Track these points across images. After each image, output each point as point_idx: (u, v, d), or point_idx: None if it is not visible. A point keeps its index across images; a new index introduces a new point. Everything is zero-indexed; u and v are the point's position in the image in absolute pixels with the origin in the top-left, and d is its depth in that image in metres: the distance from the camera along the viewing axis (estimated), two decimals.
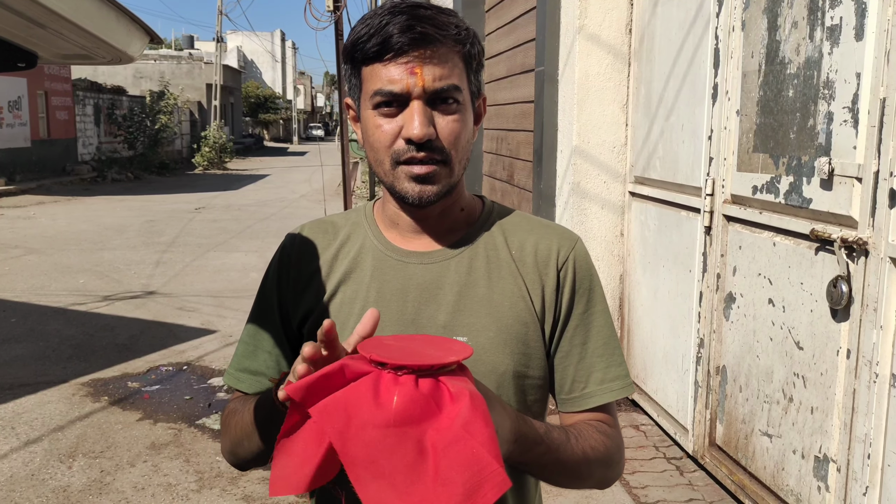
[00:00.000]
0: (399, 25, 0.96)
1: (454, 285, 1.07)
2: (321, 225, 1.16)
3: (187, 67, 35.69)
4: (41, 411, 4.49)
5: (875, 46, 2.31)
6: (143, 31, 1.91)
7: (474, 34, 1.04)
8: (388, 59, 0.97)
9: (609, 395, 1.09)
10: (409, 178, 1.00)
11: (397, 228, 1.10)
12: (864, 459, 2.37)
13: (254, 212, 14.89)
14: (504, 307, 1.06)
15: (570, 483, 1.06)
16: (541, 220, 1.16)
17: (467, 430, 0.76)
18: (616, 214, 4.32)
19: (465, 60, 1.03)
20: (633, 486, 3.39)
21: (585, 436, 1.04)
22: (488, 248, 1.10)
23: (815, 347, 2.63)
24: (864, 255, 2.36)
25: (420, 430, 0.77)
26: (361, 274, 1.09)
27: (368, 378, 0.79)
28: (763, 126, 2.93)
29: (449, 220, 1.10)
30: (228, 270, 8.88)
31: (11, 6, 1.43)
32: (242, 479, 3.64)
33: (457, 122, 1.01)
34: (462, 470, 0.75)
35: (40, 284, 7.97)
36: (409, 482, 0.75)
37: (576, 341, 1.09)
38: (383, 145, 1.00)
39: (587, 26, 4.16)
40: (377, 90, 0.99)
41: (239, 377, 1.13)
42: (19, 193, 17.77)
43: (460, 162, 1.04)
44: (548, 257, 1.09)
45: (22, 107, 21.12)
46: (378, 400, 0.77)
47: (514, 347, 1.05)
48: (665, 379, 3.87)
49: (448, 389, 0.79)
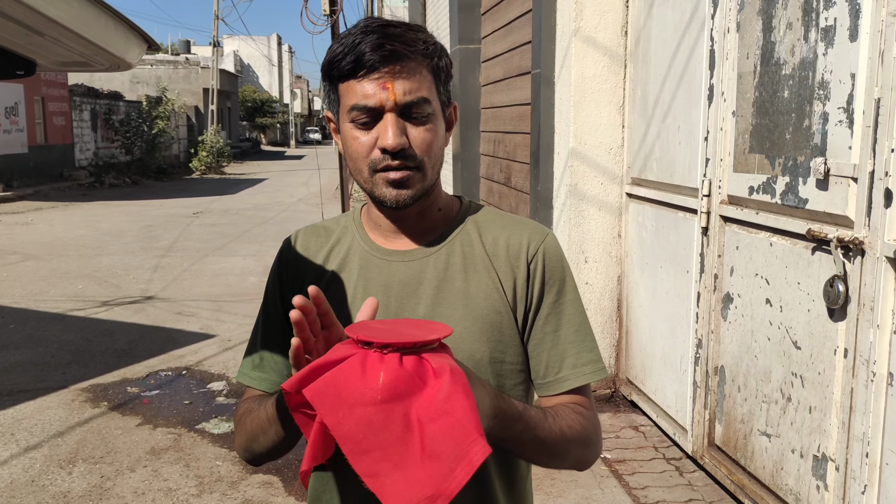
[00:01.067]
0: (370, 44, 1.05)
1: (433, 280, 1.16)
2: (315, 229, 1.27)
3: (184, 72, 35.69)
4: (41, 417, 4.49)
5: (869, 47, 2.32)
6: (141, 39, 1.92)
7: (441, 48, 1.13)
8: (362, 75, 1.06)
9: (582, 378, 1.16)
10: (386, 183, 1.09)
11: (380, 230, 1.20)
12: (863, 458, 2.37)
13: (251, 216, 14.89)
14: (479, 299, 1.15)
15: (549, 461, 1.12)
16: (513, 217, 1.25)
17: (449, 402, 0.82)
18: (613, 216, 4.33)
19: (434, 73, 1.11)
20: (633, 486, 3.40)
21: (562, 415, 1.11)
22: (464, 245, 1.19)
23: (813, 347, 2.64)
24: (860, 255, 2.37)
25: (406, 404, 0.82)
26: (349, 273, 1.19)
27: (355, 357, 0.84)
28: (759, 127, 2.94)
29: (427, 221, 1.19)
30: (227, 275, 8.88)
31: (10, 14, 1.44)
32: (242, 484, 3.64)
33: (428, 132, 1.09)
34: (446, 442, 0.81)
35: (39, 290, 7.97)
36: (399, 454, 0.81)
37: (548, 329, 1.17)
38: (361, 155, 1.10)
39: (583, 28, 4.17)
40: (353, 105, 1.07)
41: (251, 375, 1.22)
42: (17, 199, 17.76)
43: (433, 167, 1.12)
44: (518, 251, 1.17)
45: (19, 112, 21.11)
46: (365, 377, 0.82)
47: (489, 335, 1.14)
48: (664, 380, 3.88)
49: (431, 365, 0.85)
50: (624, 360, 4.39)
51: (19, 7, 1.38)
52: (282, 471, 3.78)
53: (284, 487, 3.62)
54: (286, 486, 3.63)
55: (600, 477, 3.49)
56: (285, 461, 3.90)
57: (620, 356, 4.43)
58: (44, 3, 1.43)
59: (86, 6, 1.58)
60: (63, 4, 1.50)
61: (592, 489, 3.39)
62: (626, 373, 4.36)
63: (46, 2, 1.44)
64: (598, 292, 4.37)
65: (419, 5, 10.99)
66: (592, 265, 4.31)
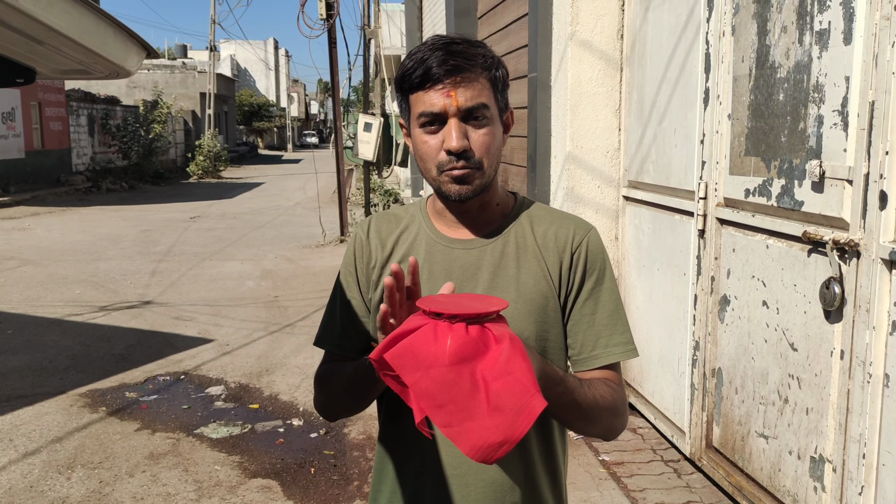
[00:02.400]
0: (436, 59, 1.21)
1: (489, 267, 1.31)
2: (386, 216, 1.42)
3: (181, 77, 35.68)
4: (39, 423, 4.48)
5: (863, 50, 2.34)
6: (140, 46, 1.93)
7: (499, 60, 1.28)
8: (429, 87, 1.22)
9: (613, 356, 1.32)
10: (451, 180, 1.24)
11: (444, 220, 1.35)
12: (860, 459, 2.38)
13: (249, 220, 14.89)
14: (529, 284, 1.30)
15: (582, 426, 1.27)
16: (562, 212, 1.40)
17: (510, 364, 0.95)
18: (610, 219, 4.34)
19: (492, 82, 1.25)
20: (631, 488, 3.41)
21: (596, 386, 1.25)
22: (518, 237, 1.34)
23: (809, 349, 2.65)
24: (855, 257, 2.38)
25: (472, 366, 0.96)
26: (416, 256, 1.32)
27: (428, 326, 0.98)
28: (754, 129, 2.96)
29: (486, 214, 1.34)
30: (224, 279, 8.88)
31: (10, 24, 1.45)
32: (241, 488, 3.64)
33: (487, 135, 1.24)
34: (508, 397, 0.94)
35: (36, 296, 7.96)
36: (469, 408, 0.95)
37: (585, 311, 1.32)
38: (430, 157, 1.25)
39: (579, 32, 4.18)
40: (422, 112, 1.23)
41: (331, 342, 1.39)
42: (14, 205, 17.74)
43: (491, 165, 1.27)
44: (565, 242, 1.33)
45: (16, 118, 21.09)
46: (437, 342, 0.96)
47: (536, 316, 1.29)
48: (661, 382, 3.89)
49: (492, 333, 0.98)
50: (621, 361, 4.39)
51: (19, 16, 1.39)
52: (280, 475, 3.79)
53: (283, 491, 3.62)
54: (285, 490, 3.63)
55: (598, 479, 3.49)
56: (283, 465, 3.90)
57: None
58: (44, 13, 1.44)
59: (85, 15, 1.58)
60: (63, 13, 1.50)
61: (591, 491, 3.39)
62: (623, 375, 4.37)
63: (46, 11, 1.45)
64: None
65: (416, 9, 11.01)
66: None
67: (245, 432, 4.36)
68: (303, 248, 11.25)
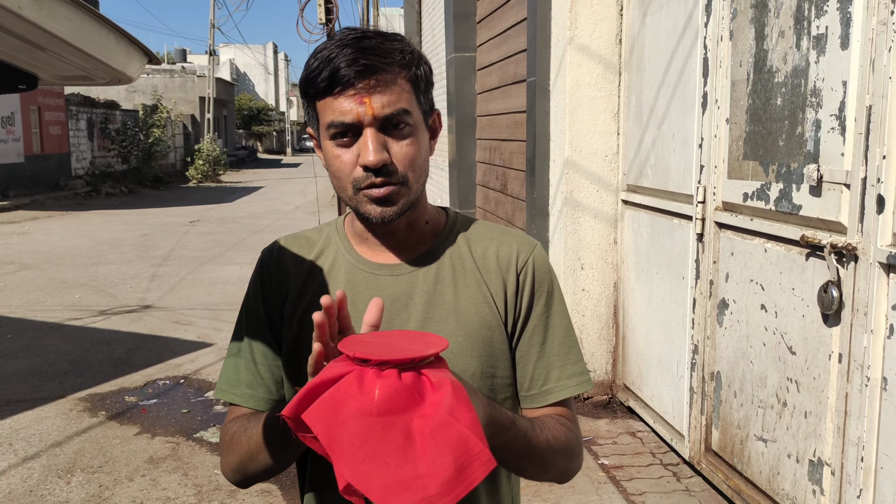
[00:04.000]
0: (345, 59, 1.02)
1: (423, 295, 1.13)
2: (296, 239, 1.23)
3: (180, 81, 35.71)
4: (38, 427, 4.48)
5: (860, 55, 2.35)
6: (142, 53, 1.94)
7: (420, 55, 1.10)
8: (338, 92, 1.03)
9: (566, 391, 1.16)
10: (370, 200, 1.07)
11: (367, 243, 1.17)
12: (858, 462, 2.39)
13: (248, 224, 14.90)
14: (470, 313, 1.13)
15: (535, 472, 1.11)
16: (502, 228, 1.23)
17: (452, 414, 0.80)
18: (609, 223, 4.35)
19: (413, 83, 1.07)
20: (631, 492, 3.41)
21: (548, 426, 1.10)
22: (454, 258, 1.16)
23: (808, 352, 2.66)
24: (853, 261, 2.39)
25: (405, 418, 0.80)
26: (335, 285, 1.15)
27: (352, 375, 0.82)
28: (752, 134, 2.97)
29: (415, 234, 1.16)
30: (224, 283, 8.88)
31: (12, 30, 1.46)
32: (241, 493, 3.64)
33: (410, 146, 1.06)
34: (450, 451, 0.78)
35: (36, 300, 7.96)
36: (399, 464, 0.78)
37: (534, 341, 1.16)
38: (344, 174, 1.07)
39: (577, 37, 4.20)
40: (331, 122, 1.05)
41: (235, 392, 1.18)
42: (13, 209, 17.74)
43: (418, 180, 1.09)
44: (508, 262, 1.16)
45: (15, 122, 21.11)
46: (363, 394, 0.80)
47: (480, 350, 1.12)
48: (660, 385, 3.90)
49: (429, 379, 0.83)
50: (620, 365, 4.40)
51: (22, 23, 1.40)
52: (280, 479, 3.79)
53: (283, 496, 3.62)
54: (284, 494, 3.64)
55: (598, 483, 3.50)
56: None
57: (617, 362, 4.44)
58: (46, 20, 1.45)
59: (87, 21, 1.59)
60: (65, 20, 1.51)
61: (590, 495, 3.40)
62: (622, 379, 4.38)
63: (49, 18, 1.46)
64: (595, 299, 4.38)
65: (415, 14, 11.03)
66: (588, 272, 4.33)
67: None
68: None
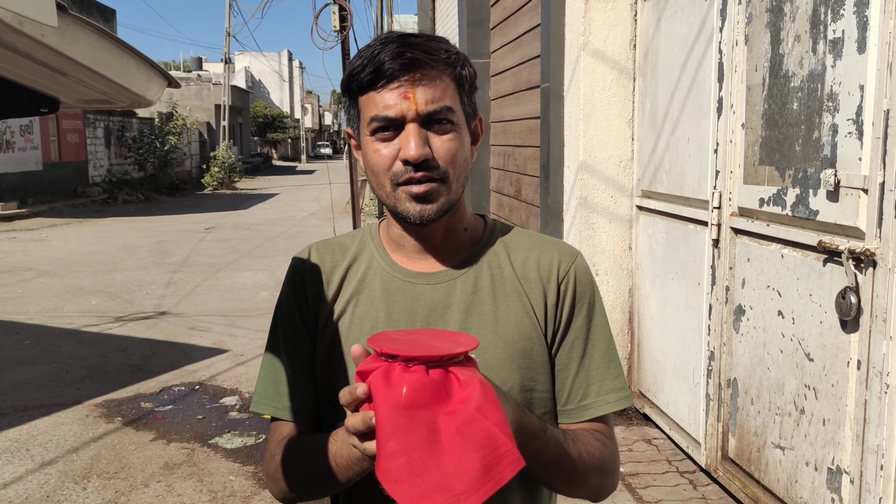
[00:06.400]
0: (390, 53, 1.00)
1: (461, 304, 1.10)
2: (328, 245, 1.19)
3: (196, 89, 35.98)
4: (55, 433, 4.51)
5: (877, 59, 2.33)
6: (162, 77, 1.97)
7: (465, 58, 1.08)
8: (382, 85, 1.01)
9: (605, 406, 1.12)
10: (409, 197, 1.03)
11: (403, 250, 1.13)
12: (877, 471, 2.36)
13: (263, 231, 14.96)
14: (509, 324, 1.09)
15: (565, 486, 1.08)
16: (542, 236, 1.19)
17: (480, 412, 0.78)
18: (624, 228, 4.33)
19: (457, 82, 1.06)
20: (647, 500, 3.38)
21: (582, 440, 1.07)
22: (492, 267, 1.13)
23: (826, 359, 2.63)
24: (871, 266, 2.37)
25: (432, 413, 0.79)
26: (370, 294, 1.12)
27: (379, 371, 0.81)
28: (768, 139, 2.95)
29: (453, 241, 1.13)
30: (239, 290, 8.92)
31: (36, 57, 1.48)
32: (255, 499, 3.65)
33: (452, 141, 1.04)
34: (477, 448, 0.77)
35: (53, 306, 8.03)
36: (425, 459, 0.77)
37: (574, 354, 1.12)
38: (382, 168, 1.04)
39: (591, 42, 4.19)
40: (373, 116, 1.02)
41: (276, 406, 1.14)
42: (31, 216, 17.92)
43: (458, 179, 1.06)
44: (549, 271, 1.12)
45: (33, 130, 21.33)
46: (390, 390, 0.79)
47: (520, 362, 1.08)
48: (676, 392, 3.87)
49: (457, 377, 0.81)
50: (636, 372, 4.38)
51: (44, 50, 1.41)
52: None
53: None
54: None
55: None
56: None
57: (632, 369, 4.42)
58: (68, 47, 1.47)
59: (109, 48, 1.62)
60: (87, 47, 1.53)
61: (605, 503, 3.37)
62: (638, 385, 4.35)
63: (71, 45, 1.47)
64: (610, 305, 4.36)
65: (429, 21, 11.07)
66: (603, 277, 4.31)
67: (259, 442, 4.37)
68: None
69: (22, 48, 1.41)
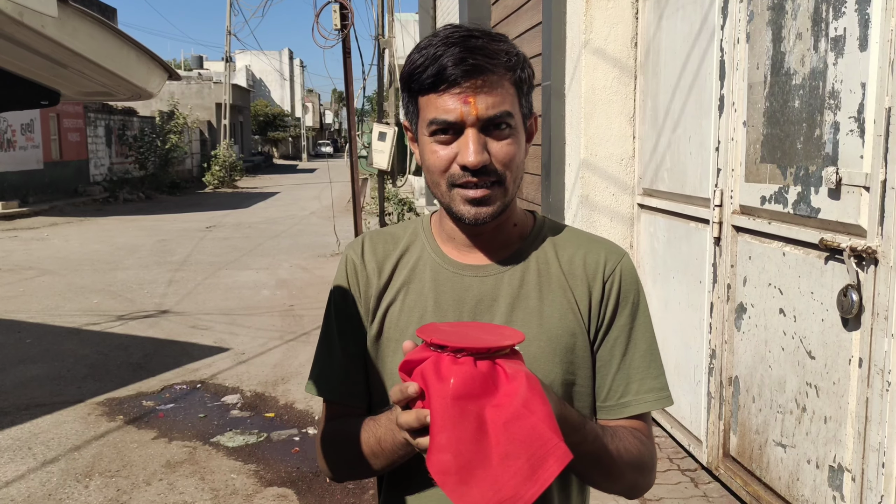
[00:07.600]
0: (452, 58, 1.01)
1: (507, 297, 1.12)
2: (381, 235, 1.23)
3: (197, 87, 35.98)
4: (57, 431, 4.52)
5: (879, 56, 2.33)
6: (163, 69, 1.97)
7: (524, 58, 1.09)
8: (443, 89, 1.03)
9: (644, 405, 1.14)
10: (465, 200, 1.06)
11: (453, 242, 1.17)
12: (879, 468, 2.36)
13: (264, 229, 14.96)
14: (554, 319, 1.12)
15: (601, 481, 1.10)
16: (590, 235, 1.22)
17: (527, 406, 0.80)
18: (625, 226, 4.33)
19: (516, 85, 1.07)
20: (648, 498, 3.39)
21: (621, 436, 1.09)
22: (539, 262, 1.15)
23: (827, 357, 2.63)
24: (873, 264, 2.37)
25: (479, 405, 0.80)
26: (420, 284, 1.16)
27: (429, 361, 0.84)
28: (770, 137, 2.95)
29: (503, 236, 1.16)
30: (240, 288, 8.92)
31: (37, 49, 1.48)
32: (257, 497, 3.66)
33: (510, 146, 1.05)
34: (525, 446, 0.79)
35: (54, 305, 8.04)
36: (472, 453, 0.78)
37: (616, 352, 1.14)
38: (439, 169, 1.06)
39: (593, 41, 4.19)
40: (433, 119, 1.04)
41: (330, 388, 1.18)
42: (32, 215, 17.93)
43: (514, 182, 1.08)
44: (595, 269, 1.15)
45: (34, 129, 21.34)
46: (440, 380, 0.82)
47: (562, 357, 1.11)
48: (677, 390, 3.87)
49: (504, 370, 0.83)
50: None
51: (45, 41, 1.41)
52: (296, 483, 3.79)
53: (299, 500, 3.62)
54: (301, 498, 3.64)
55: None
56: (299, 474, 3.91)
57: None
58: (69, 38, 1.47)
59: (109, 39, 1.61)
60: (87, 38, 1.53)
61: (607, 500, 3.38)
62: None
63: (71, 36, 1.47)
64: None
65: (430, 19, 11.06)
66: None
67: (261, 441, 4.38)
68: (317, 257, 11.29)
69: (22, 39, 1.41)
